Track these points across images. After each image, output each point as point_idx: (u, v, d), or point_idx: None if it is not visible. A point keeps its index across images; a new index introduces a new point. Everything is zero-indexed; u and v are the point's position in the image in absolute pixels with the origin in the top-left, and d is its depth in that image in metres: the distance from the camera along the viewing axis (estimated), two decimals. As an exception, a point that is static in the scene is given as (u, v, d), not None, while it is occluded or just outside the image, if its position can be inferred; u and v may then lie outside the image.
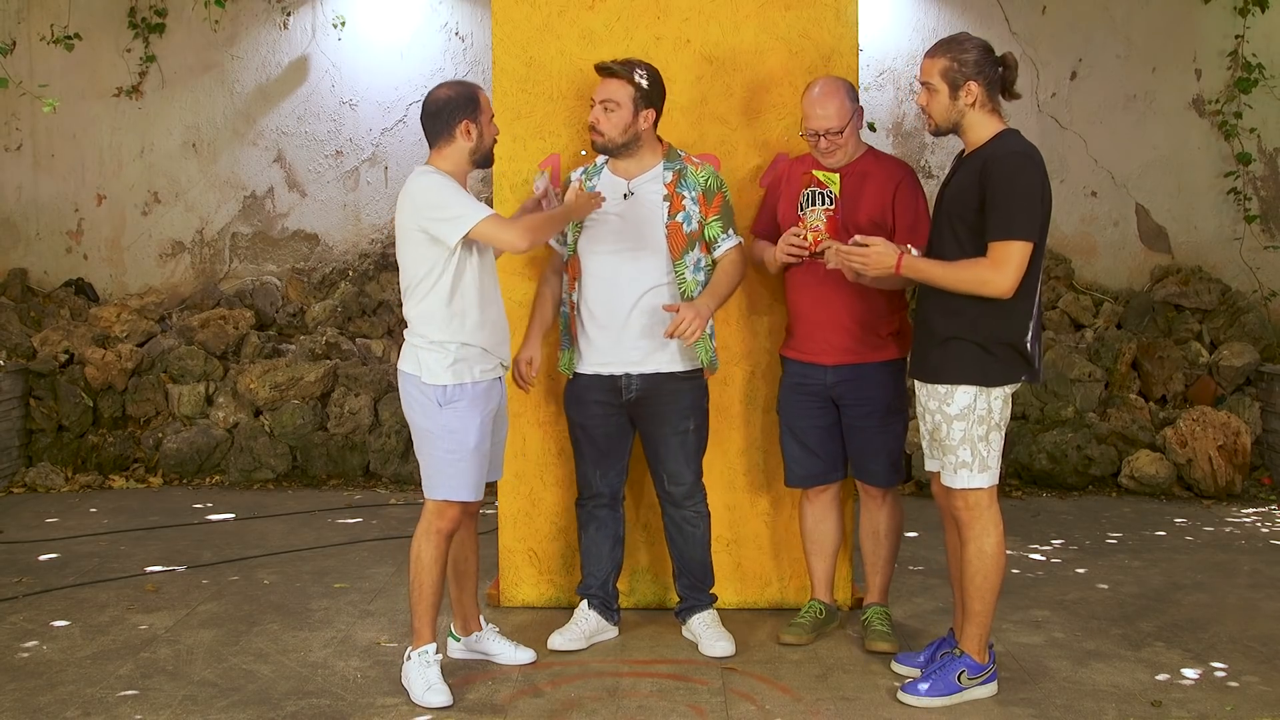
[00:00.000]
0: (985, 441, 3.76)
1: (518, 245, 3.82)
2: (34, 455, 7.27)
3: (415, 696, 3.85)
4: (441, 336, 3.84)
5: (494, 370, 3.94)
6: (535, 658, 4.18)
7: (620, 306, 4.21)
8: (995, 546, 3.81)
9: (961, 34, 3.86)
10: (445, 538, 3.90)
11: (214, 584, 5.14)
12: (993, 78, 3.74)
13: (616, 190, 4.24)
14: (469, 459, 3.85)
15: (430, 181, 3.81)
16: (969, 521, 3.82)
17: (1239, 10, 7.88)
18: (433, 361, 3.84)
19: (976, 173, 3.68)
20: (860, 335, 4.21)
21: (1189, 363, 7.49)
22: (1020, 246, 3.60)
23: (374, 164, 8.23)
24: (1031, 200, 3.63)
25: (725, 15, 4.60)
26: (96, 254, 8.32)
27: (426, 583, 3.88)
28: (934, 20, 8.03)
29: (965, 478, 3.78)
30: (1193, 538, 5.99)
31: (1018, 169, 3.63)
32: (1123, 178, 8.10)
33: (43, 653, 4.30)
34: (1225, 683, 4.06)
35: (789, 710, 3.81)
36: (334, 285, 8.18)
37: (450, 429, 3.84)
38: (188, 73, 8.20)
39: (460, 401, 3.84)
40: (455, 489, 3.86)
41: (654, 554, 4.69)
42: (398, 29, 8.13)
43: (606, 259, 4.22)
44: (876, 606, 4.42)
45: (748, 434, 4.69)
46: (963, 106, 3.74)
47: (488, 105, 3.93)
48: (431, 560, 3.88)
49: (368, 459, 7.23)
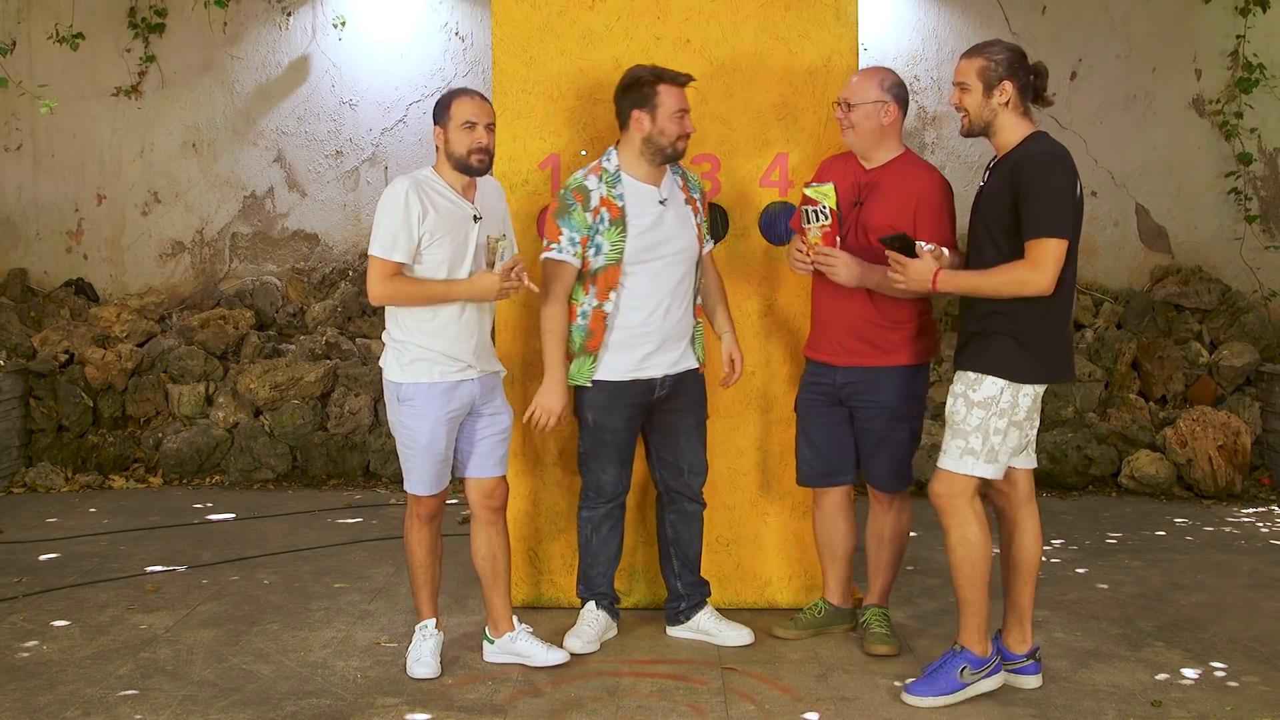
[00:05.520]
0: (1001, 434, 3.78)
1: (371, 299, 3.96)
2: (34, 455, 7.27)
3: (408, 668, 4.08)
4: (402, 336, 3.99)
5: (460, 372, 3.98)
6: (567, 658, 4.17)
7: (667, 312, 4.24)
8: (978, 534, 3.81)
9: (995, 39, 3.95)
10: (422, 521, 4.09)
11: (214, 584, 5.14)
12: (1025, 81, 3.80)
13: (651, 199, 4.23)
14: (420, 456, 4.00)
15: (387, 194, 3.96)
16: (949, 509, 3.82)
17: (1240, 10, 7.88)
18: (393, 359, 4.01)
19: (1008, 175, 3.74)
20: (870, 338, 4.19)
21: (1189, 363, 7.49)
22: (1056, 244, 3.65)
23: (374, 164, 8.23)
24: (1064, 198, 3.67)
25: (725, 15, 4.60)
26: (96, 254, 8.32)
27: (414, 564, 4.13)
28: (934, 20, 8.03)
29: (970, 464, 3.78)
30: (1193, 538, 5.99)
31: (1048, 169, 3.68)
32: (1123, 178, 8.10)
33: (43, 653, 4.30)
34: (1225, 683, 4.06)
35: (789, 710, 3.81)
36: (334, 285, 8.18)
37: (405, 425, 4.01)
38: (188, 73, 8.20)
39: (414, 400, 3.96)
40: (412, 483, 4.05)
41: (653, 554, 4.69)
42: (398, 29, 8.13)
43: (653, 266, 4.21)
44: (875, 608, 4.42)
45: (747, 434, 4.69)
46: (996, 105, 3.79)
47: (464, 112, 3.93)
48: (415, 543, 4.11)
49: (368, 459, 7.23)
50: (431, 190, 3.94)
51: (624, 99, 4.19)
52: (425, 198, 3.90)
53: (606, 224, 4.15)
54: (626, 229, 4.16)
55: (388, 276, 3.89)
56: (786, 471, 4.69)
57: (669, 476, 4.39)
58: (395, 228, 3.88)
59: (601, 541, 4.38)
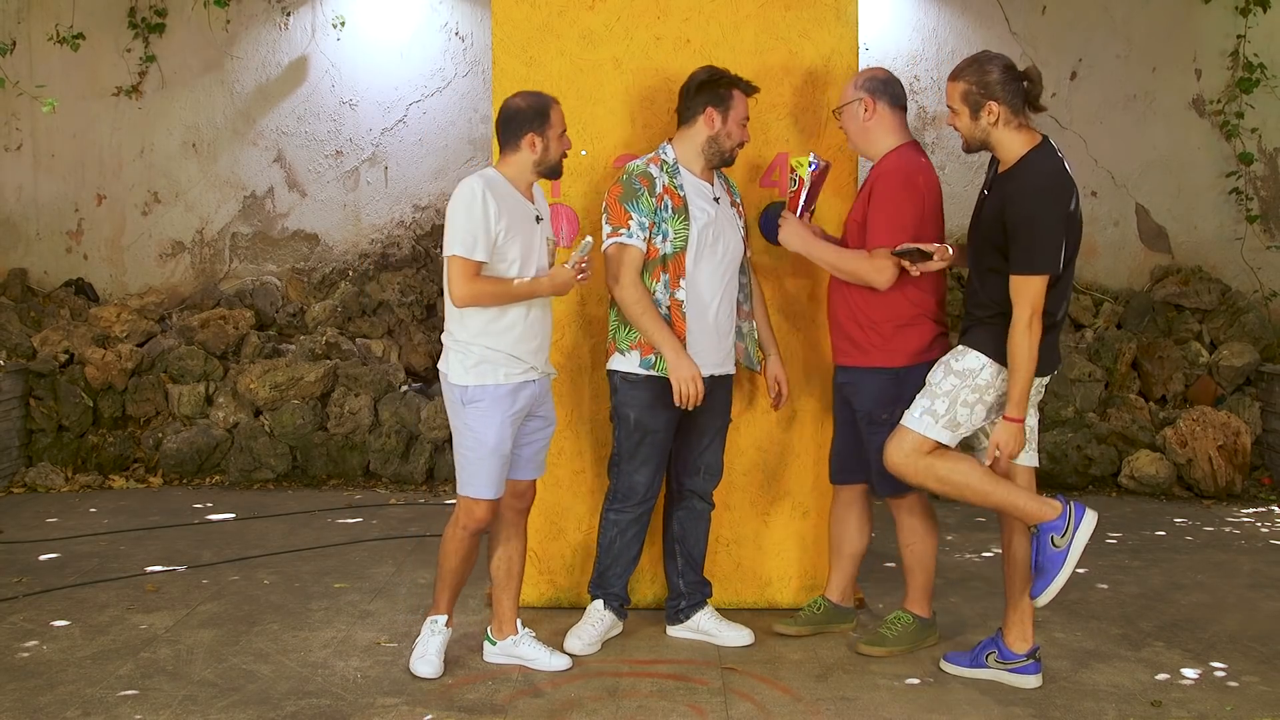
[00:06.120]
0: (969, 408, 3.84)
1: (455, 294, 3.89)
2: (34, 455, 7.27)
3: (410, 661, 4.06)
4: (466, 337, 3.93)
5: (523, 374, 3.96)
6: (570, 664, 4.15)
7: (721, 309, 4.24)
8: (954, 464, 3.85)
9: (983, 53, 3.91)
10: (471, 535, 4.02)
11: (214, 584, 5.14)
12: (1015, 93, 3.80)
13: (706, 195, 4.24)
14: (488, 459, 3.93)
15: (462, 194, 3.88)
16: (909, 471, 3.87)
17: (1240, 10, 7.89)
18: (457, 362, 3.94)
19: (1000, 204, 3.77)
20: (851, 336, 4.21)
21: (1189, 363, 7.49)
22: (1038, 281, 3.71)
23: (374, 164, 8.23)
24: (1051, 233, 3.70)
25: (725, 15, 4.60)
26: (96, 254, 8.32)
27: (448, 567, 4.07)
28: (934, 20, 8.03)
29: (926, 424, 3.84)
30: (1193, 538, 5.99)
31: (1036, 207, 3.70)
32: (1123, 178, 8.10)
33: (43, 653, 4.30)
34: (1225, 683, 4.06)
35: (789, 710, 3.81)
36: (334, 285, 8.18)
37: (471, 428, 3.93)
38: (188, 73, 8.20)
39: (481, 402, 3.91)
40: (474, 486, 3.96)
41: (654, 554, 4.69)
42: (398, 29, 8.13)
43: (712, 260, 4.21)
44: (897, 610, 4.39)
45: (748, 434, 4.69)
46: (986, 126, 3.81)
47: (560, 120, 4.00)
48: (453, 550, 4.04)
49: (368, 459, 7.23)
50: (501, 189, 3.94)
51: (698, 95, 4.20)
52: (498, 197, 3.89)
53: (670, 212, 4.15)
54: (689, 219, 4.17)
55: (471, 276, 3.84)
56: (787, 471, 4.69)
57: (684, 475, 4.38)
58: (475, 227, 3.83)
59: (625, 545, 4.35)
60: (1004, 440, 3.82)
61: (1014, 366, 3.76)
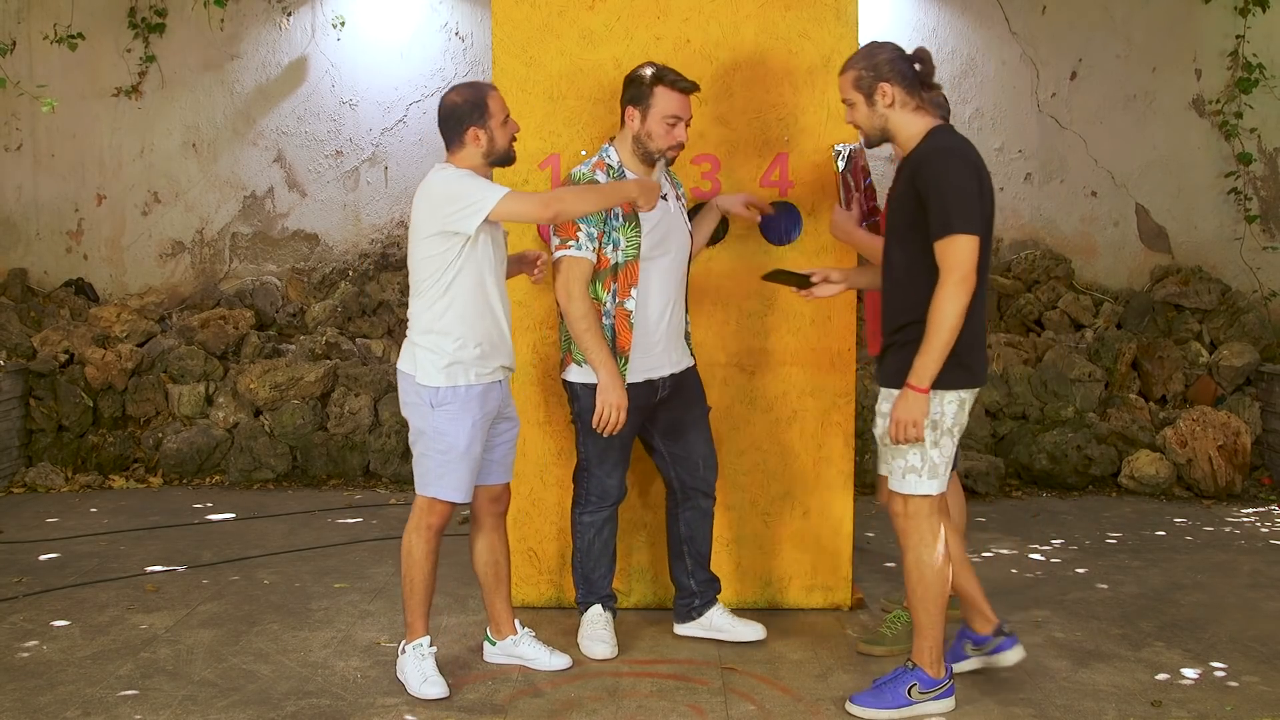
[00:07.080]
0: (936, 446, 3.66)
1: (540, 215, 3.85)
2: (34, 455, 7.27)
3: (412, 689, 3.90)
4: (438, 338, 3.85)
5: (492, 374, 3.93)
6: (570, 663, 4.14)
7: (674, 310, 4.24)
8: (936, 557, 3.69)
9: (869, 43, 3.80)
10: (435, 533, 3.93)
11: (214, 584, 5.14)
12: (908, 75, 3.70)
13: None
14: (459, 461, 3.87)
15: (447, 176, 3.83)
16: (907, 530, 3.71)
17: (1239, 10, 7.89)
18: (427, 362, 3.86)
19: (910, 178, 3.65)
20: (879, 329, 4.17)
21: (1189, 363, 7.49)
22: (967, 240, 3.51)
23: (374, 164, 8.23)
24: (966, 194, 3.54)
25: (725, 15, 4.60)
26: (96, 254, 8.32)
27: (418, 577, 3.92)
28: (934, 20, 8.03)
29: (913, 483, 3.67)
30: (1193, 538, 5.99)
31: (945, 166, 3.57)
32: (1123, 178, 8.10)
33: (43, 653, 4.30)
34: (1225, 683, 4.06)
35: (789, 710, 3.81)
36: (334, 285, 8.18)
37: (441, 430, 3.85)
38: (188, 73, 8.20)
39: (452, 404, 3.85)
40: (443, 489, 3.89)
41: (654, 554, 4.69)
42: (398, 29, 8.13)
43: (662, 262, 4.20)
44: (897, 610, 4.39)
45: (748, 434, 4.69)
46: (883, 110, 3.70)
47: (500, 107, 3.93)
48: (422, 555, 3.92)
49: (368, 459, 7.23)
50: None
51: (623, 93, 4.19)
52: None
53: (620, 220, 4.12)
54: (639, 225, 4.15)
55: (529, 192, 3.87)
56: (787, 471, 4.69)
57: (684, 473, 4.37)
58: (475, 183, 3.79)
59: (604, 544, 4.35)
60: (902, 413, 3.56)
61: (934, 328, 3.50)
